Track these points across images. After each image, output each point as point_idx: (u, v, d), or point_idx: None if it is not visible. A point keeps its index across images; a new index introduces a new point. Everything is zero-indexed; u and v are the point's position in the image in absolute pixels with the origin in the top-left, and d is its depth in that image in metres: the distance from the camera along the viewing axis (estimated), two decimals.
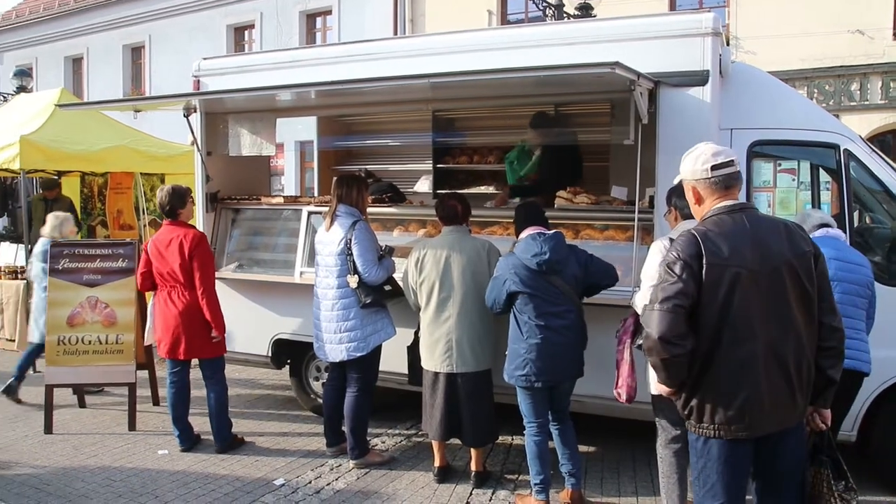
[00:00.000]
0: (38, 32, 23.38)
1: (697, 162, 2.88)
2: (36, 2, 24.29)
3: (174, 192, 5.38)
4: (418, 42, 5.98)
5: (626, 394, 4.08)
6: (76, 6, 22.04)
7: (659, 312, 2.72)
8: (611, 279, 4.41)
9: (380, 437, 5.66)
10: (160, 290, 5.37)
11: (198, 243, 5.24)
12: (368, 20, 15.86)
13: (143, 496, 4.67)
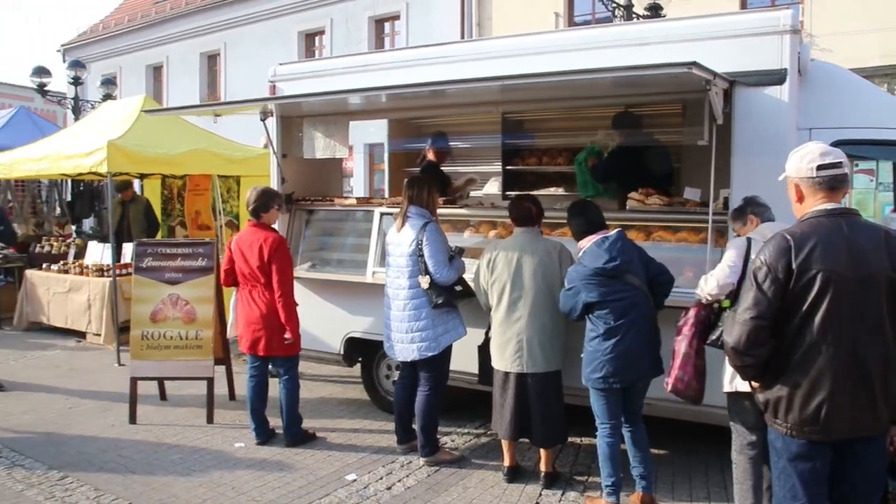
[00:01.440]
0: (122, 43, 24.39)
1: (804, 160, 2.82)
2: (120, 15, 25.36)
3: (262, 194, 5.52)
4: (488, 45, 6.04)
5: (673, 385, 4.01)
6: (157, 17, 22.90)
7: (739, 323, 2.73)
8: (667, 276, 4.40)
9: (449, 435, 5.71)
10: (242, 287, 5.54)
11: (276, 248, 5.38)
12: (436, 24, 15.98)
13: (221, 486, 4.83)
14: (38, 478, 4.98)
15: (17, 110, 13.00)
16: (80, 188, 12.42)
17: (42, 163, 9.37)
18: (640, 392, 4.44)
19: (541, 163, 6.99)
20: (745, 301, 2.73)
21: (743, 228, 4.10)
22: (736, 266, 3.82)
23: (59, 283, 9.58)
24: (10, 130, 11.95)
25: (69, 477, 4.99)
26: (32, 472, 5.09)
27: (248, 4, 20.14)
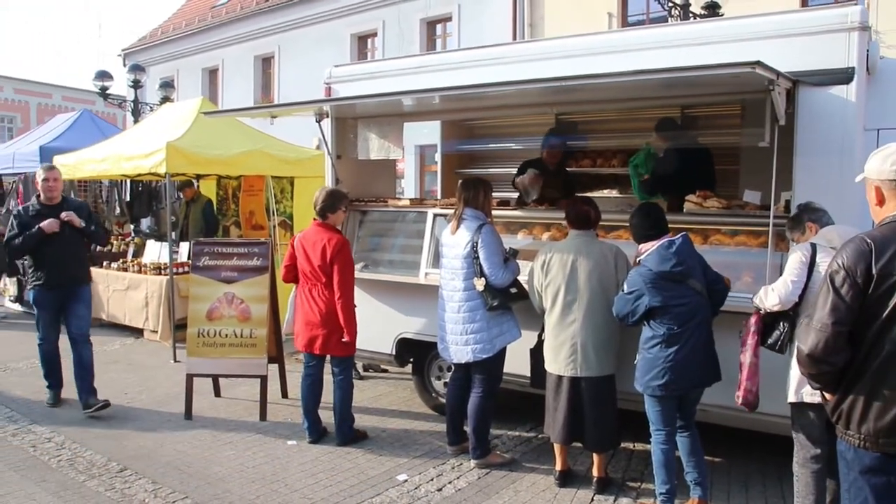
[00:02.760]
0: (180, 47, 24.93)
1: (886, 162, 2.70)
2: (178, 19, 25.95)
3: (330, 195, 5.58)
4: (541, 46, 6.00)
5: (744, 398, 3.96)
6: (213, 21, 23.34)
7: (815, 330, 2.62)
8: (722, 285, 4.34)
9: (500, 437, 5.69)
10: (302, 285, 5.59)
11: (339, 249, 5.41)
12: (487, 26, 15.95)
13: (274, 483, 4.89)
14: (99, 469, 5.12)
15: (80, 113, 13.36)
16: (138, 188, 12.71)
17: (104, 164, 9.62)
18: (696, 399, 4.38)
19: (595, 164, 6.91)
20: (822, 306, 2.62)
21: (801, 237, 4.00)
22: (800, 280, 3.76)
23: (119, 280, 9.83)
24: (74, 133, 12.28)
25: (128, 469, 5.11)
26: (93, 463, 5.23)
27: (301, 8, 20.39)
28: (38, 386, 7.29)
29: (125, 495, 4.70)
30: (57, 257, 6.29)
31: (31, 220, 6.27)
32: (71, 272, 6.40)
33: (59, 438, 5.74)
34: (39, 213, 6.30)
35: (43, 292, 6.38)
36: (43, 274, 6.32)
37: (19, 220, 6.33)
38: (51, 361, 6.61)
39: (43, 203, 6.38)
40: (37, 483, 4.89)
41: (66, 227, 6.26)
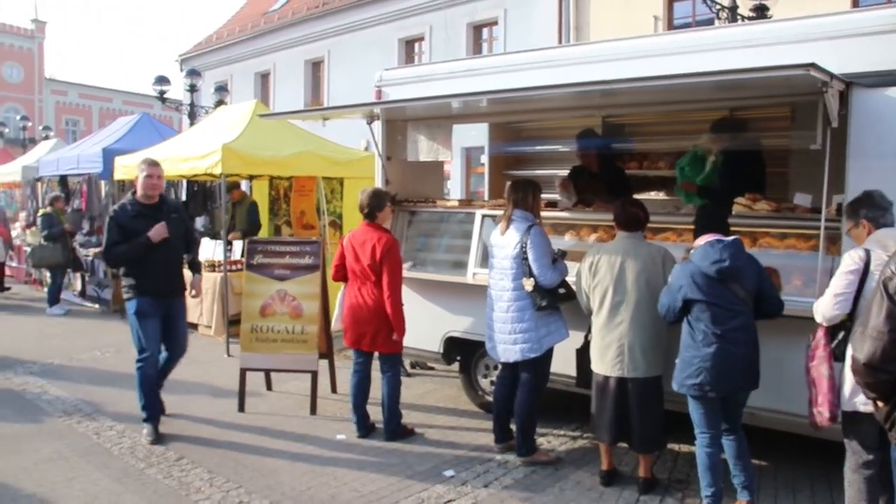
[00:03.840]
0: (233, 52, 25.50)
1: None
2: (232, 26, 26.54)
3: (374, 195, 5.70)
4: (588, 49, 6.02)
5: (830, 412, 3.78)
6: (266, 27, 23.82)
7: (871, 338, 2.59)
8: (778, 300, 4.31)
9: (545, 436, 5.73)
10: (352, 283, 5.72)
11: (389, 248, 5.52)
12: (534, 30, 15.97)
13: (324, 476, 5.01)
14: (157, 458, 5.31)
15: (140, 116, 13.74)
16: (194, 189, 13.04)
17: (162, 164, 9.88)
18: (741, 402, 4.36)
19: (641, 167, 6.91)
20: (877, 314, 2.59)
21: (854, 230, 3.93)
22: (845, 294, 3.69)
23: None
24: (134, 135, 12.63)
25: (185, 458, 5.30)
26: (152, 452, 5.43)
27: (350, 13, 20.68)
28: (101, 376, 7.62)
29: (182, 483, 4.87)
30: (164, 262, 5.74)
31: (130, 221, 5.65)
32: (176, 280, 5.94)
33: (119, 427, 5.97)
34: (140, 214, 5.68)
35: (149, 301, 5.68)
36: (148, 281, 5.66)
37: (117, 221, 5.67)
38: (151, 385, 5.81)
39: (141, 202, 5.76)
40: (100, 469, 5.11)
41: (175, 227, 5.78)
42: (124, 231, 5.65)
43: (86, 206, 13.52)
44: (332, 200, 10.32)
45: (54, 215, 11.68)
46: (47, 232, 11.44)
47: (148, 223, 5.63)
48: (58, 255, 11.48)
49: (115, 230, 5.68)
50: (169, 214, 5.80)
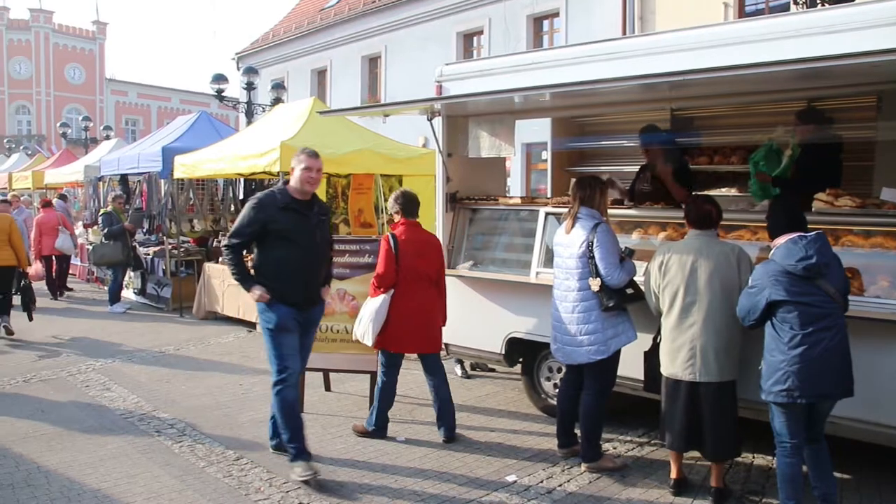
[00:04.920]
0: (290, 49, 25.75)
1: None
2: (289, 23, 26.80)
3: (408, 195, 5.68)
4: (655, 40, 5.80)
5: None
6: (322, 24, 23.98)
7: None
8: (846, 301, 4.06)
9: (611, 442, 5.55)
10: (411, 286, 5.48)
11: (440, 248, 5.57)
12: (596, 21, 15.68)
13: (384, 478, 4.93)
14: (217, 456, 5.30)
15: (199, 115, 13.90)
16: (251, 187, 13.16)
17: (221, 163, 9.98)
18: (827, 410, 4.12)
19: (712, 162, 6.65)
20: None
21: None
22: None
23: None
24: (192, 133, 12.77)
25: (244, 458, 5.27)
26: (212, 450, 5.42)
27: (407, 7, 20.64)
28: (160, 374, 7.69)
29: (241, 482, 4.85)
30: (310, 268, 5.00)
31: (275, 211, 4.85)
32: (318, 288, 5.15)
33: (180, 425, 5.99)
34: (289, 208, 4.89)
35: (291, 313, 4.91)
36: (291, 289, 4.90)
37: (261, 207, 4.85)
38: (295, 410, 5.03)
39: (294, 195, 4.95)
40: (161, 466, 5.13)
41: (317, 231, 5.03)
42: (263, 219, 4.82)
43: (145, 204, 13.78)
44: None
45: (115, 214, 11.91)
46: (107, 230, 11.66)
47: (295, 220, 4.88)
48: (118, 254, 11.69)
49: (253, 217, 4.85)
50: (319, 216, 5.07)
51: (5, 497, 4.64)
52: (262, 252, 4.94)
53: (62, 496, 4.65)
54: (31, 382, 7.41)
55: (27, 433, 5.83)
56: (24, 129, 45.41)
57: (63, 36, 46.99)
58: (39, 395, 6.95)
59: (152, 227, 13.59)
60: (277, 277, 4.86)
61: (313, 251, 4.97)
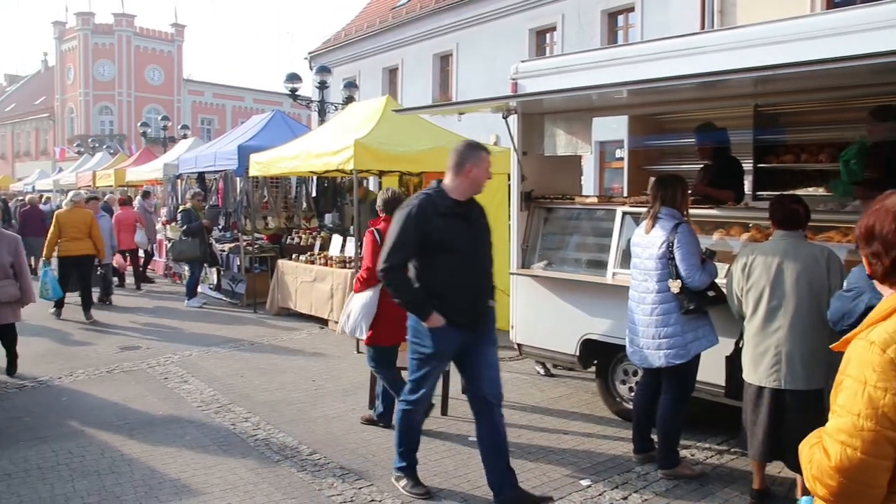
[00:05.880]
0: (361, 48, 26.00)
1: None
2: (360, 21, 27.08)
3: (398, 197, 5.65)
4: (739, 33, 5.61)
5: None
6: (393, 22, 24.13)
7: None
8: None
9: (688, 449, 5.39)
10: None
11: None
12: (673, 15, 15.30)
13: (456, 478, 4.90)
14: (291, 451, 5.37)
15: (274, 114, 14.13)
16: (324, 185, 13.33)
17: (295, 161, 10.12)
18: None
19: (798, 160, 6.40)
20: None
21: None
22: None
23: (306, 272, 10.32)
24: (267, 132, 12.96)
25: (317, 453, 5.32)
26: (286, 444, 5.49)
27: (479, 5, 20.57)
28: (235, 368, 7.85)
29: (315, 477, 4.89)
30: (480, 281, 4.43)
31: (437, 219, 4.20)
32: (488, 302, 4.50)
33: (255, 419, 6.09)
34: (451, 213, 4.23)
35: (453, 336, 4.31)
36: (460, 307, 4.28)
37: (419, 216, 4.18)
38: (417, 432, 4.74)
39: (455, 198, 4.29)
40: (236, 458, 5.22)
41: (483, 237, 4.45)
42: (425, 230, 4.18)
43: (222, 202, 14.12)
44: None
45: (193, 211, 12.23)
46: (186, 227, 11.99)
47: (459, 227, 4.25)
48: (195, 250, 12.01)
49: (412, 227, 4.18)
50: (479, 219, 4.45)
51: (92, 483, 4.81)
52: (420, 268, 4.30)
53: (144, 484, 4.78)
54: (114, 373, 7.67)
55: (111, 422, 6.03)
56: (107, 129, 47.17)
57: (143, 39, 48.62)
58: (122, 385, 7.18)
59: (228, 223, 13.92)
60: (442, 296, 4.23)
61: (480, 261, 4.41)
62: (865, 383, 1.73)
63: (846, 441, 1.74)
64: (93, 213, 11.01)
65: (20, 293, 7.02)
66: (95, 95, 47.50)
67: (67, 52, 49.17)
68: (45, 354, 8.55)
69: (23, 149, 55.54)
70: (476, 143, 4.47)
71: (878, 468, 1.72)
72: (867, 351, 1.74)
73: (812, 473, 1.85)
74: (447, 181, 4.31)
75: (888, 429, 1.70)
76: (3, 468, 5.05)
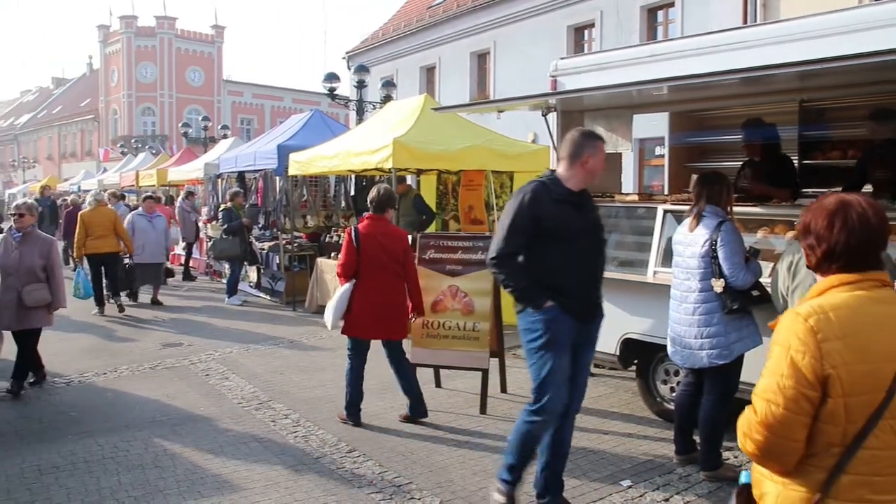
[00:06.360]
0: (398, 47, 26.10)
1: None
2: (397, 21, 27.17)
3: (389, 193, 5.99)
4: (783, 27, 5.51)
5: None
6: (430, 21, 24.16)
7: None
8: None
9: (731, 451, 5.29)
10: (374, 276, 5.81)
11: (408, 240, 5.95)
12: (714, 10, 15.06)
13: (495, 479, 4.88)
14: (330, 448, 5.40)
15: (312, 113, 14.25)
16: (362, 183, 13.38)
17: (334, 160, 10.18)
18: None
19: (846, 156, 6.25)
20: None
21: None
22: None
23: None
24: (307, 131, 13.09)
25: (356, 451, 5.34)
26: (325, 442, 5.52)
27: (516, 2, 20.49)
28: (275, 365, 7.92)
29: (355, 475, 4.91)
30: (593, 271, 4.25)
31: (551, 206, 4.03)
32: (599, 296, 4.31)
33: (294, 416, 6.15)
34: (565, 201, 4.08)
35: (570, 326, 4.06)
36: (574, 296, 4.07)
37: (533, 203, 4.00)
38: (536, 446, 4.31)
39: (569, 186, 4.11)
40: (277, 455, 5.27)
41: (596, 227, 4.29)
42: (537, 215, 4.00)
43: (261, 201, 14.26)
44: (502, 195, 10.17)
45: (234, 210, 12.39)
46: (227, 226, 12.14)
47: (572, 216, 4.08)
48: (236, 248, 12.16)
49: (526, 212, 4.01)
50: (592, 211, 4.32)
51: (136, 476, 4.89)
52: (530, 257, 4.10)
53: (186, 479, 4.85)
54: (157, 370, 7.80)
55: (154, 417, 6.13)
56: (149, 130, 48.01)
57: (184, 41, 49.36)
58: (164, 381, 7.30)
59: (267, 222, 14.06)
60: (554, 286, 4.03)
61: (593, 251, 4.24)
62: (789, 348, 2.01)
63: (771, 399, 2.01)
64: (115, 211, 11.72)
65: (50, 297, 6.79)
66: (138, 97, 48.38)
67: (111, 55, 50.16)
68: (89, 350, 8.73)
69: (69, 150, 56.84)
70: (591, 133, 4.31)
71: (797, 423, 1.99)
72: (793, 321, 2.03)
73: (743, 431, 2.12)
74: (561, 170, 4.15)
75: (806, 388, 1.97)
76: (52, 461, 5.17)
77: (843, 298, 2.05)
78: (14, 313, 6.65)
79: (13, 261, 6.68)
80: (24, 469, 5.03)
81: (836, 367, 1.95)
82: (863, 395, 1.95)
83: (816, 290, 2.12)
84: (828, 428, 1.98)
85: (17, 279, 6.64)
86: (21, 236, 6.80)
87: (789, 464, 2.04)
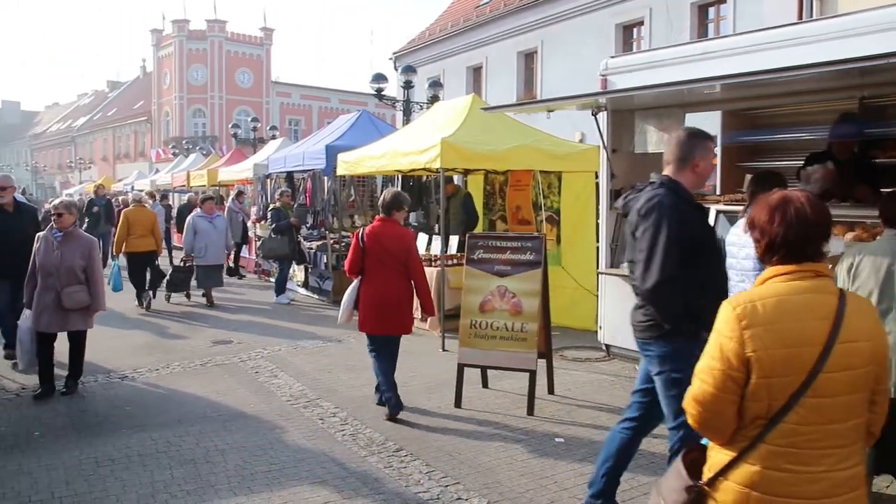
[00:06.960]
0: (445, 47, 26.13)
1: None
2: (444, 21, 27.22)
3: (399, 196, 6.26)
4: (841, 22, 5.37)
5: None
6: (477, 20, 24.14)
7: None
8: None
9: None
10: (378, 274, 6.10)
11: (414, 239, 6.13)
12: (767, 6, 14.72)
13: (543, 479, 4.84)
14: (378, 447, 5.42)
15: (360, 114, 14.32)
16: (409, 184, 13.42)
17: (382, 160, 10.20)
18: None
19: None
20: None
21: None
22: None
23: None
24: (354, 132, 13.15)
25: (403, 450, 5.35)
26: (373, 441, 5.55)
27: (564, 1, 20.33)
28: (323, 364, 7.99)
29: (402, 474, 4.92)
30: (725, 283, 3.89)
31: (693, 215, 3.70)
32: None
33: (342, 414, 6.19)
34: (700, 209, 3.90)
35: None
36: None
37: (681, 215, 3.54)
38: None
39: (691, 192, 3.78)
40: (325, 453, 5.31)
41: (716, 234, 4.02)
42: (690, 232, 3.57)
43: (310, 201, 14.40)
44: (549, 195, 10.07)
45: (282, 209, 12.53)
46: (276, 225, 12.28)
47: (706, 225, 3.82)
48: (284, 248, 12.29)
49: (675, 228, 3.50)
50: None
51: (188, 471, 4.97)
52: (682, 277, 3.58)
53: (237, 475, 4.91)
54: (208, 366, 7.93)
55: (206, 413, 6.23)
56: (200, 131, 48.86)
57: (234, 43, 50.11)
58: (215, 378, 7.42)
59: (316, 222, 14.20)
60: (698, 308, 3.42)
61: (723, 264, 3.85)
62: (720, 333, 2.24)
63: (704, 378, 2.26)
64: (154, 213, 12.26)
65: (90, 299, 6.68)
66: (189, 99, 49.27)
67: (164, 58, 51.20)
68: (143, 347, 8.92)
69: (122, 151, 58.21)
70: (700, 132, 3.86)
71: (725, 401, 2.21)
72: (724, 309, 2.27)
73: (685, 405, 2.35)
74: (670, 175, 3.76)
75: (731, 370, 2.19)
76: (108, 454, 5.29)
77: (774, 288, 2.26)
78: (53, 315, 6.56)
79: (54, 260, 6.53)
80: (81, 461, 5.16)
81: (757, 351, 2.15)
82: (783, 377, 2.15)
83: (760, 280, 2.35)
84: (752, 405, 2.19)
85: (57, 279, 6.52)
86: (62, 236, 6.65)
87: (724, 434, 2.25)
